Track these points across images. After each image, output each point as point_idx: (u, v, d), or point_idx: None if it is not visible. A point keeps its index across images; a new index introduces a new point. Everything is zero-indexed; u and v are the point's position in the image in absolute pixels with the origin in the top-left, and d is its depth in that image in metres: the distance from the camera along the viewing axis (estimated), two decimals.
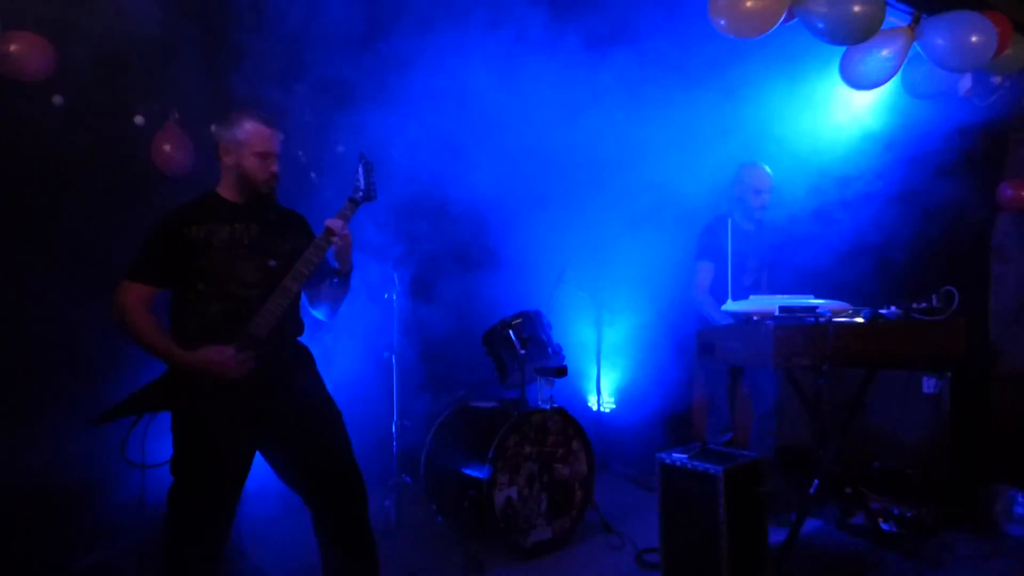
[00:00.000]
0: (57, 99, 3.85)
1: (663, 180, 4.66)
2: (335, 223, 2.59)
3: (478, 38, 4.14)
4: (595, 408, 5.60)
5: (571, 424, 3.90)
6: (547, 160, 4.70)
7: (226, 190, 2.62)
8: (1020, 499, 3.89)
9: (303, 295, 2.79)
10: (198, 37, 4.00)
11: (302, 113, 4.46)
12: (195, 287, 2.47)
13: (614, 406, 5.74)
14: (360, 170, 2.73)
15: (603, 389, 5.62)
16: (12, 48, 3.54)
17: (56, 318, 3.75)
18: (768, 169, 4.12)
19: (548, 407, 3.85)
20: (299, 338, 2.72)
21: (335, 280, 2.70)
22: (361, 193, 2.71)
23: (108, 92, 3.96)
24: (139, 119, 4.10)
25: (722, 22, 3.27)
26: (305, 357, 2.72)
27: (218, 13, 4.02)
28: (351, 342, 4.37)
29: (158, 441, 2.46)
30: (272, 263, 2.56)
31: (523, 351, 4.01)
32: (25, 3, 3.69)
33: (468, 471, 3.70)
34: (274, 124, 2.60)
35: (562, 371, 4.06)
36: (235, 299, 2.49)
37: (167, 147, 4.10)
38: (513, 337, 4.07)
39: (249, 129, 2.54)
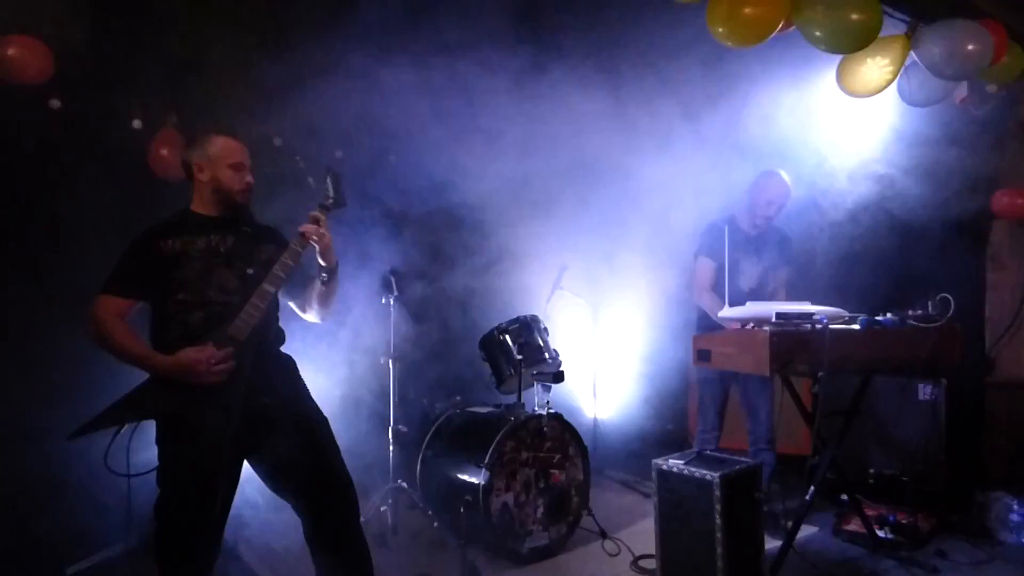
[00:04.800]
0: (54, 103, 3.85)
1: (661, 187, 4.67)
2: (307, 227, 2.60)
3: (478, 45, 4.15)
4: (591, 414, 5.60)
5: (568, 430, 3.90)
6: (545, 166, 4.70)
7: (201, 206, 2.67)
8: (1015, 506, 3.89)
9: (293, 304, 2.81)
10: (197, 41, 4.00)
11: (299, 120, 4.46)
12: (175, 297, 2.50)
13: (611, 412, 5.74)
14: (328, 181, 2.76)
15: (600, 395, 5.62)
16: (10, 52, 3.54)
17: (51, 322, 3.74)
18: (787, 180, 4.06)
19: (545, 413, 3.85)
20: (281, 347, 2.73)
21: (323, 277, 2.70)
22: (331, 201, 2.73)
23: (105, 96, 3.95)
24: (137, 123, 4.10)
25: (720, 30, 3.28)
26: (288, 364, 2.73)
27: (215, 16, 4.02)
28: (348, 347, 4.37)
29: (141, 450, 2.46)
30: (250, 270, 2.59)
31: (520, 356, 4.01)
32: (23, 7, 3.68)
33: (464, 476, 3.70)
34: (239, 137, 2.68)
35: (559, 377, 4.06)
36: (215, 305, 2.51)
37: (164, 151, 4.10)
38: (510, 342, 4.07)
39: (220, 144, 2.62)
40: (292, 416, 2.59)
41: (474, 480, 3.59)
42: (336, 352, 4.28)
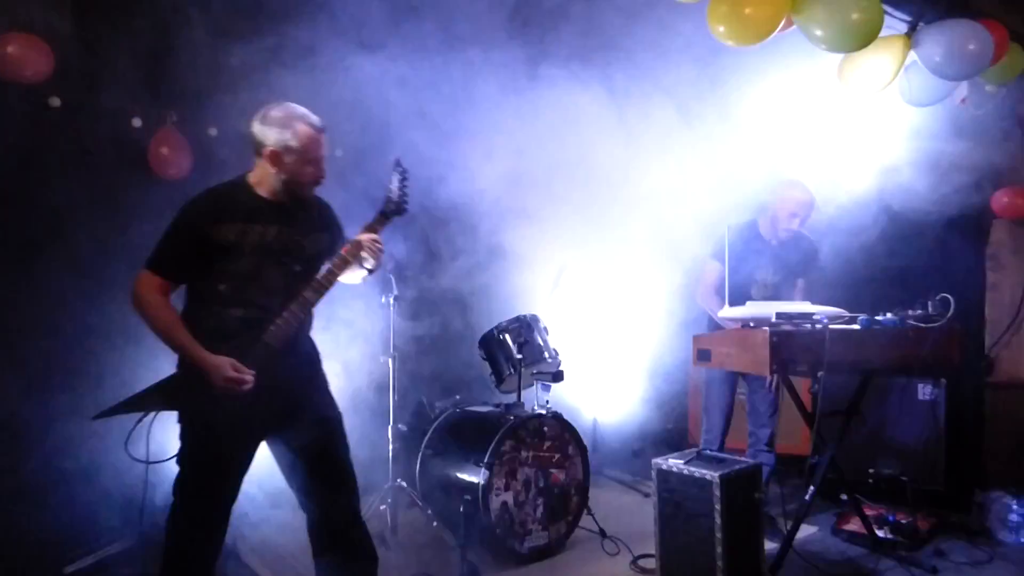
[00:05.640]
0: (54, 101, 3.84)
1: (662, 186, 4.66)
2: (363, 238, 2.59)
3: (478, 46, 4.15)
4: (591, 414, 5.59)
5: (567, 429, 3.90)
6: (546, 164, 4.70)
7: (262, 186, 2.51)
8: (1015, 506, 3.90)
9: None
10: (196, 39, 4.00)
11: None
12: (216, 288, 2.42)
13: (610, 412, 5.73)
14: (394, 179, 2.66)
15: (600, 395, 5.62)
16: (10, 49, 3.53)
17: (47, 320, 3.74)
18: (810, 191, 3.95)
19: (545, 412, 3.85)
20: (310, 331, 2.72)
21: (366, 277, 2.75)
22: (393, 205, 2.66)
23: (105, 94, 3.95)
24: (136, 121, 4.09)
25: (721, 29, 3.27)
26: (315, 355, 2.72)
27: (216, 14, 4.01)
28: (348, 345, 4.36)
29: (162, 437, 2.47)
30: (297, 268, 2.54)
31: (520, 356, 4.01)
32: (23, 4, 3.68)
33: (464, 476, 3.69)
34: (323, 127, 2.54)
35: (559, 376, 4.06)
36: (256, 306, 2.45)
37: (164, 150, 4.09)
38: (510, 341, 4.07)
39: (302, 134, 2.46)
40: (310, 405, 2.60)
41: (474, 479, 3.59)
42: (335, 351, 4.27)
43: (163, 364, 2.54)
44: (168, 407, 2.41)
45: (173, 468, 2.49)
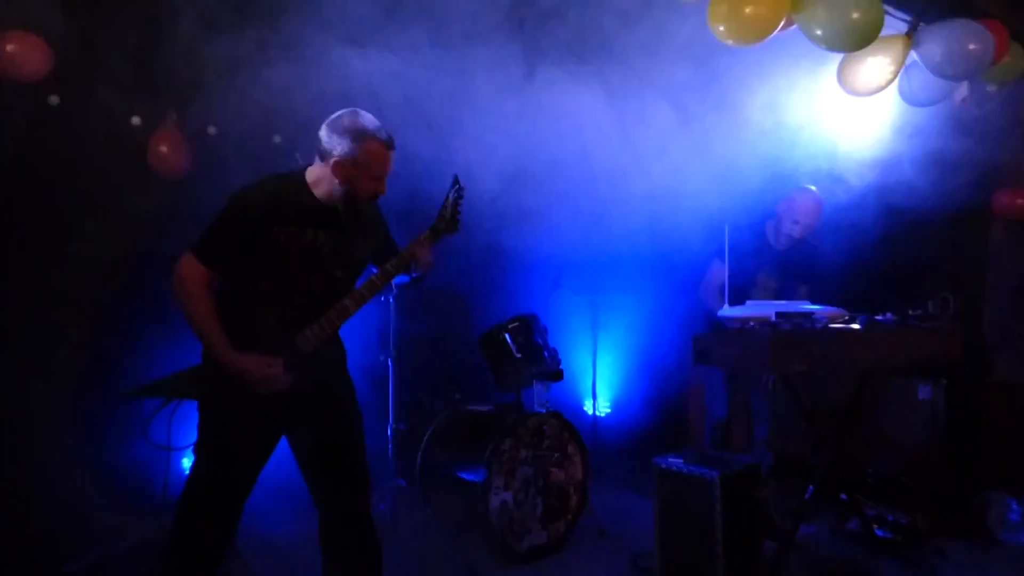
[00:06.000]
0: (53, 99, 3.84)
1: (661, 186, 4.66)
2: (412, 251, 2.58)
3: (478, 45, 4.14)
4: (591, 412, 5.60)
5: (567, 428, 3.90)
6: (545, 164, 4.69)
7: (319, 189, 2.47)
8: (1014, 506, 3.90)
9: None
10: (195, 36, 3.99)
11: (299, 117, 4.45)
12: (255, 286, 2.41)
13: (610, 410, 5.73)
14: (450, 196, 2.65)
15: (599, 393, 5.62)
16: (9, 48, 3.54)
17: (51, 316, 3.74)
18: (818, 201, 3.96)
19: (544, 411, 3.85)
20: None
21: (409, 277, 2.73)
22: (445, 223, 2.65)
23: (104, 93, 3.94)
24: (135, 119, 4.09)
25: (721, 28, 3.28)
26: (340, 354, 2.71)
27: (215, 11, 4.01)
28: (347, 345, 4.36)
29: (183, 425, 2.48)
30: (339, 273, 2.53)
31: (519, 355, 4.00)
32: (21, 3, 3.68)
33: (463, 475, 3.69)
34: (393, 143, 2.50)
35: (558, 375, 4.06)
36: (294, 308, 2.44)
37: (164, 148, 4.09)
38: (509, 341, 4.07)
39: (370, 150, 2.42)
40: (331, 404, 2.59)
41: (473, 478, 3.59)
42: None
43: (164, 363, 2.54)
44: (190, 396, 2.42)
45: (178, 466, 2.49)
